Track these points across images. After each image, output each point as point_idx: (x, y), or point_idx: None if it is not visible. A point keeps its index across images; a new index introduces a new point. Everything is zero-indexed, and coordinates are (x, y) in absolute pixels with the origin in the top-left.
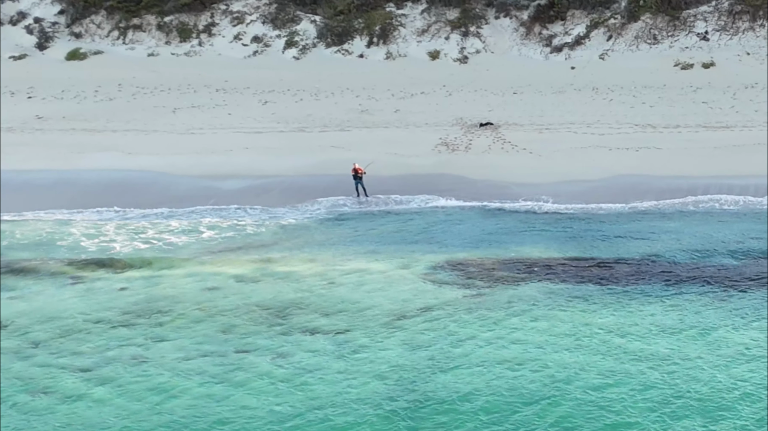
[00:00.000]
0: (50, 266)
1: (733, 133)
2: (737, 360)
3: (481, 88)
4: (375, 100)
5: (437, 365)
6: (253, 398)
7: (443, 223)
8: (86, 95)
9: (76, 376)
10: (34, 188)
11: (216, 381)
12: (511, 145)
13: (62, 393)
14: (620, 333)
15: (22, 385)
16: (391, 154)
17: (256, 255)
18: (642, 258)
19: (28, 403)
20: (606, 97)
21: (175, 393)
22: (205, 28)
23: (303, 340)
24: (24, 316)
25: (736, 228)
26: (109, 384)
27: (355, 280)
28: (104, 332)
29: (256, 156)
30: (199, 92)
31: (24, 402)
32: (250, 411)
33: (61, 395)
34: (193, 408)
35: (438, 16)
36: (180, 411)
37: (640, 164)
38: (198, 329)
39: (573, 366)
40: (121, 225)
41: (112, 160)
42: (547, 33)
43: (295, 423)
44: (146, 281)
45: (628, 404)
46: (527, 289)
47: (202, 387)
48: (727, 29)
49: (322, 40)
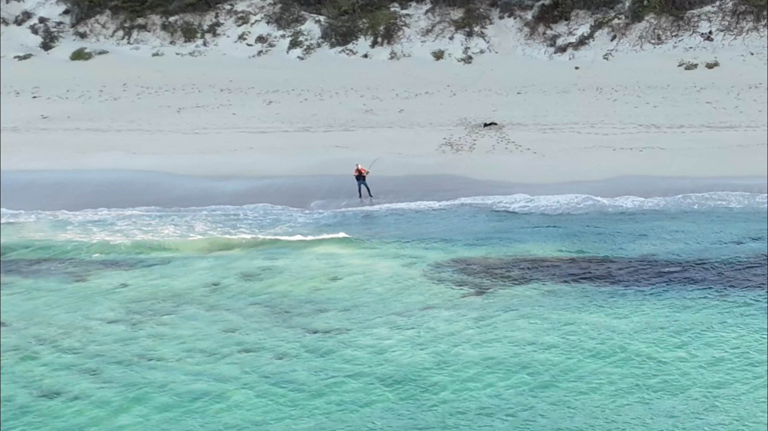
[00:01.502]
0: (53, 265)
1: (737, 133)
2: (737, 361)
3: (485, 88)
4: (379, 100)
5: (439, 364)
6: (254, 397)
7: (446, 223)
8: (91, 95)
9: (77, 375)
10: (39, 187)
11: (217, 380)
12: (515, 145)
13: (63, 392)
14: (622, 333)
15: (23, 385)
16: (395, 153)
17: (259, 254)
18: (645, 259)
19: (29, 403)
20: (610, 97)
21: (177, 392)
22: (209, 28)
23: (305, 339)
24: (25, 315)
25: (739, 228)
26: (110, 384)
27: (358, 279)
28: (106, 331)
29: (261, 156)
30: (203, 92)
31: (25, 401)
32: (250, 411)
33: (61, 394)
34: (193, 407)
35: (442, 16)
36: (181, 411)
37: (644, 164)
38: (200, 328)
39: (575, 367)
40: (123, 224)
41: (117, 159)
42: (551, 33)
43: (296, 423)
44: (149, 280)
45: (629, 404)
46: (530, 289)
47: (203, 386)
48: (731, 29)
49: (326, 40)
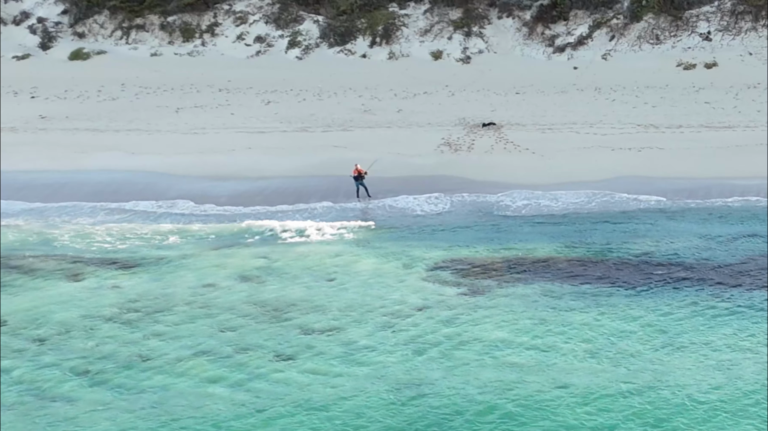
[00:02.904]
0: (50, 264)
1: (736, 133)
2: (737, 361)
3: (484, 88)
4: (378, 100)
5: (438, 365)
6: (253, 398)
7: (445, 223)
8: (89, 95)
9: (75, 375)
10: (37, 187)
11: (215, 381)
12: (513, 145)
13: (61, 392)
14: (621, 334)
15: (22, 384)
16: (393, 153)
17: (257, 253)
18: (645, 259)
19: (28, 403)
20: (608, 97)
21: (175, 392)
22: (208, 28)
23: (303, 339)
24: (23, 314)
25: (738, 228)
26: (108, 383)
27: (356, 280)
28: (103, 330)
29: (259, 156)
30: (202, 92)
31: (23, 401)
32: (249, 411)
33: (60, 394)
34: (192, 407)
35: (441, 16)
36: (179, 411)
37: (643, 164)
38: (197, 327)
39: (573, 367)
40: (121, 224)
41: (115, 159)
42: (549, 33)
43: (296, 422)
44: (146, 279)
45: (628, 404)
46: (528, 289)
47: (201, 386)
48: (730, 29)
49: (324, 40)
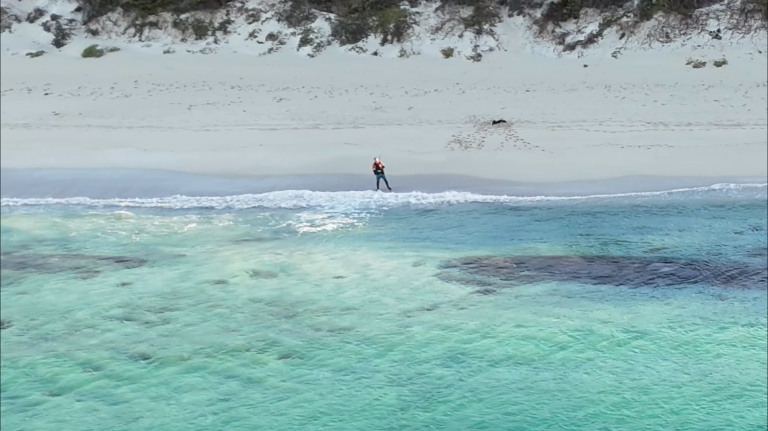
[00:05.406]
0: (61, 261)
1: (745, 131)
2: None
3: (494, 85)
4: (388, 98)
5: (448, 362)
6: (259, 396)
7: (455, 220)
8: (102, 92)
9: (80, 372)
10: (50, 184)
11: (221, 379)
12: (523, 143)
13: (66, 389)
14: (627, 331)
15: (25, 381)
16: (404, 151)
17: (267, 250)
18: (655, 257)
19: (31, 399)
20: (618, 95)
21: (181, 390)
22: (220, 25)
23: (312, 337)
24: (29, 311)
25: (745, 226)
26: (114, 380)
27: (367, 277)
28: (110, 327)
29: (270, 153)
30: (214, 89)
31: (27, 398)
32: (254, 410)
33: (65, 391)
34: (198, 405)
35: (452, 14)
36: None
37: (652, 162)
38: (205, 325)
39: (582, 364)
40: (132, 220)
41: (128, 156)
42: (560, 31)
43: (301, 422)
44: (158, 276)
45: (632, 401)
46: (538, 287)
47: (207, 384)
48: (740, 27)
49: (336, 37)
